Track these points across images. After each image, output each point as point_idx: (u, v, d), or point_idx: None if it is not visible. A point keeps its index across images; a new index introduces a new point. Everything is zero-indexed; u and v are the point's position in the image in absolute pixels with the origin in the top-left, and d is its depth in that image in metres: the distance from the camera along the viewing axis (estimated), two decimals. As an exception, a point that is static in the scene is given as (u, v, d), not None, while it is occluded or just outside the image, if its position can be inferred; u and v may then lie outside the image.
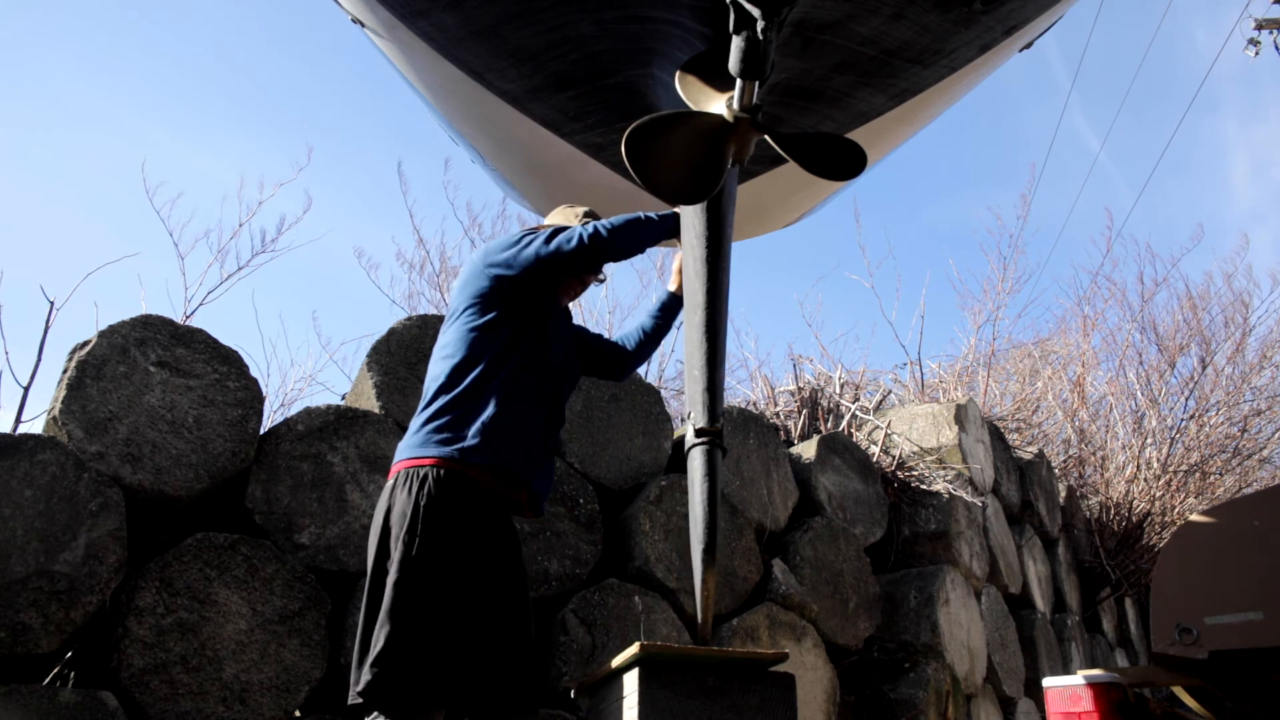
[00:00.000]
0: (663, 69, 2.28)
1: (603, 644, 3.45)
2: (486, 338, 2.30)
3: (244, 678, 2.74)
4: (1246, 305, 10.78)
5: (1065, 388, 10.03)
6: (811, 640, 4.21)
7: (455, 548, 2.08)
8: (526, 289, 2.36)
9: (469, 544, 2.11)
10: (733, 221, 2.27)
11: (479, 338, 2.30)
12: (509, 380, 2.26)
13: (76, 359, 2.80)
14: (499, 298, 2.34)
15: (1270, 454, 10.77)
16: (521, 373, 2.29)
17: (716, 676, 2.07)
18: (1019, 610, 6.28)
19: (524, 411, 2.26)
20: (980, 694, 5.21)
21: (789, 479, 4.76)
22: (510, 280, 2.34)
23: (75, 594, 2.54)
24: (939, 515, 5.41)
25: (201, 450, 2.93)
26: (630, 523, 3.83)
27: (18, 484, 2.53)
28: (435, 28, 2.28)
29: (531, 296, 2.38)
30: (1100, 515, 8.25)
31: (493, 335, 2.30)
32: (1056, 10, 2.44)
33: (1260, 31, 12.89)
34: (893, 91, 2.43)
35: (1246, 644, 3.14)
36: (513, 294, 2.35)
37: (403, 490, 2.13)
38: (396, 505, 2.13)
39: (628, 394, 4.16)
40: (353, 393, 3.70)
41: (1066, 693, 3.56)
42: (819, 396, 6.46)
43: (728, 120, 1.87)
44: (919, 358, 8.43)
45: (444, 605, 2.02)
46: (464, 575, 2.08)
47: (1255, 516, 3.33)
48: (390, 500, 2.16)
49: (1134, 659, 8.15)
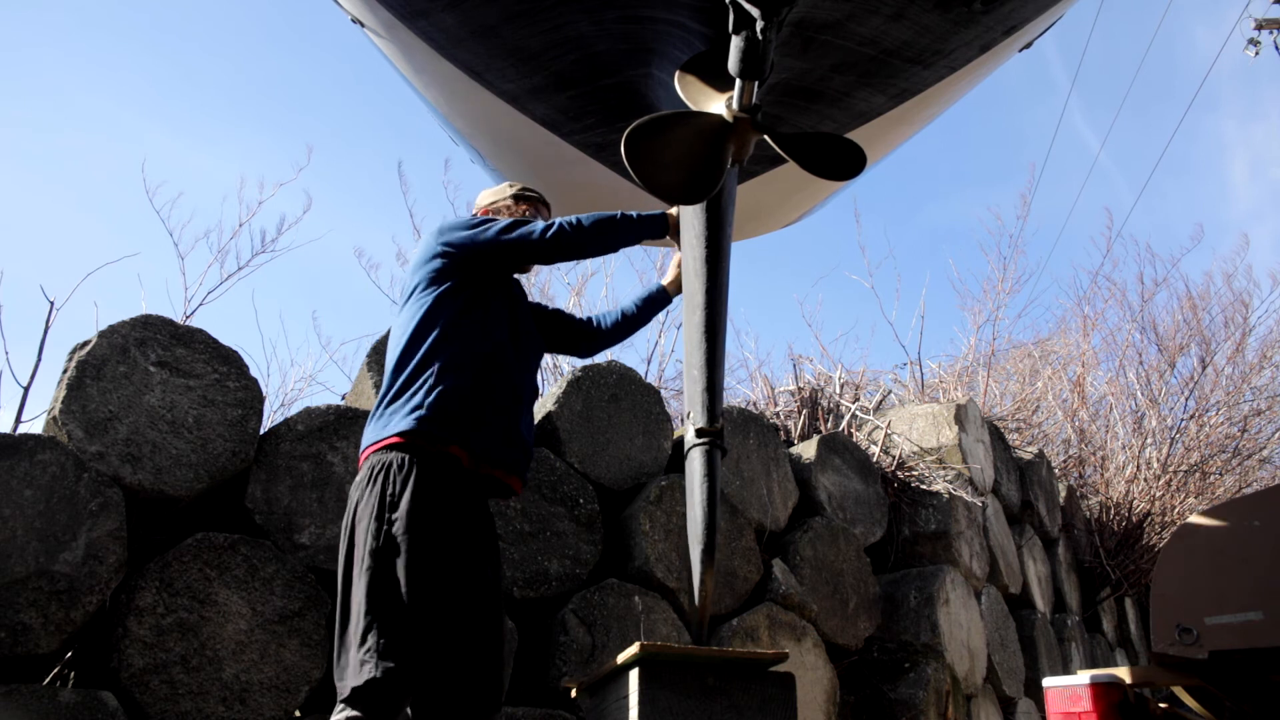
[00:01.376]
0: (662, 69, 2.28)
1: (603, 644, 3.45)
2: (440, 309, 2.26)
3: (244, 678, 2.74)
4: (1246, 305, 10.80)
5: (1065, 388, 10.03)
6: (811, 640, 4.21)
7: (438, 538, 2.02)
8: (480, 266, 2.35)
9: (450, 532, 2.05)
10: (733, 221, 2.27)
11: (432, 309, 2.26)
12: (468, 346, 2.22)
13: (76, 359, 2.80)
14: (452, 272, 2.31)
15: (1270, 454, 10.77)
16: (481, 339, 2.25)
17: (716, 676, 2.07)
18: (1019, 610, 6.28)
19: (487, 375, 2.22)
20: (980, 694, 5.21)
21: (789, 479, 4.76)
22: (464, 258, 2.32)
23: (75, 594, 2.54)
24: (939, 515, 5.41)
25: (201, 450, 2.93)
26: (630, 523, 3.83)
27: (18, 484, 2.53)
28: (435, 28, 2.28)
29: (484, 272, 2.36)
30: (1100, 515, 8.25)
31: (447, 306, 2.27)
32: (1056, 10, 2.44)
33: (1260, 31, 12.90)
34: (893, 91, 2.43)
35: (1246, 644, 3.14)
36: (466, 269, 2.33)
37: (374, 485, 2.06)
38: (366, 499, 2.06)
39: (628, 394, 4.16)
40: (353, 393, 3.70)
41: (1066, 693, 3.56)
42: (819, 396, 6.46)
43: (727, 120, 1.87)
44: (919, 358, 8.44)
45: (435, 603, 1.99)
46: (451, 568, 2.03)
47: (1255, 516, 3.33)
48: (360, 494, 2.09)
49: (1134, 659, 8.15)
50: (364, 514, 2.05)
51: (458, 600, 2.05)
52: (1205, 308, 10.84)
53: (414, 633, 1.96)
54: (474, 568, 2.12)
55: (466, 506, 2.14)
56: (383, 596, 1.96)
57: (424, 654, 1.97)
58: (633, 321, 2.76)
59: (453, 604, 2.03)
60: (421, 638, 1.97)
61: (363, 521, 2.05)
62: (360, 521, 2.06)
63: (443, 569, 2.02)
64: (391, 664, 1.91)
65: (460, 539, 2.09)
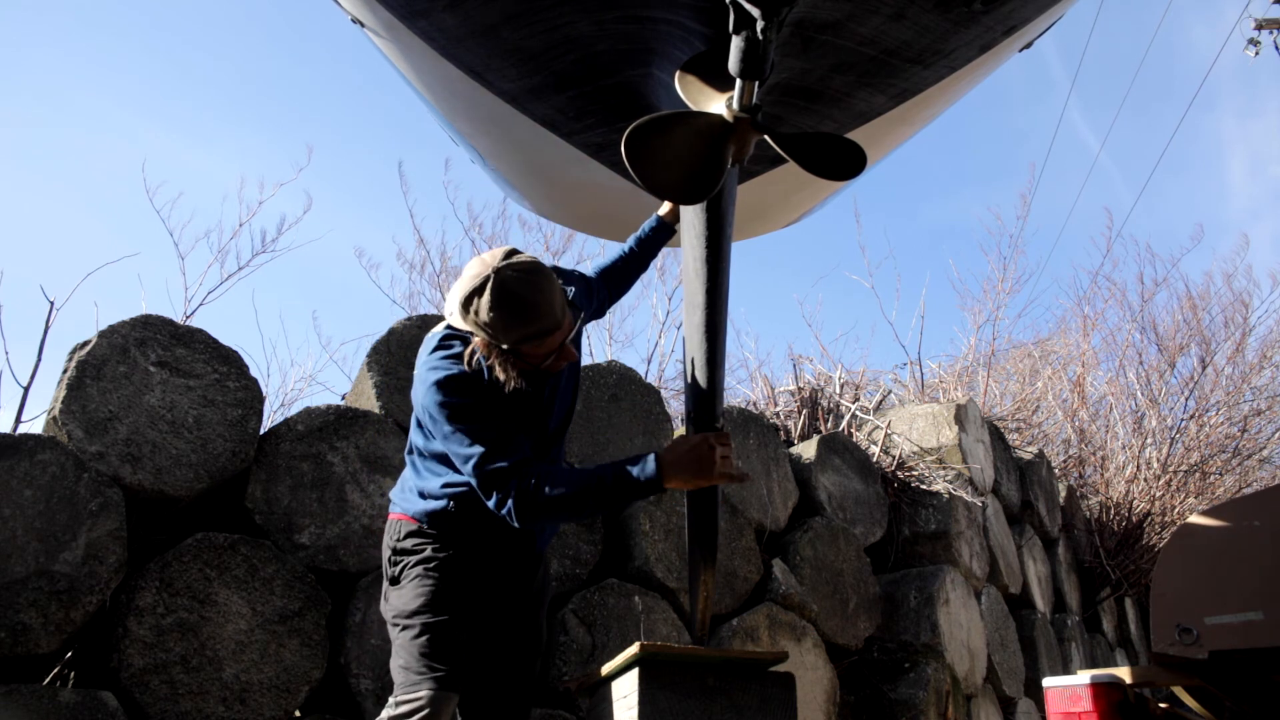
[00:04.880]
0: (662, 69, 2.28)
1: (603, 644, 3.45)
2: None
3: (244, 678, 2.74)
4: (1246, 305, 10.79)
5: (1065, 388, 10.03)
6: (811, 640, 4.21)
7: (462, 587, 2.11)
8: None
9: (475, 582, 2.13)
10: (733, 221, 2.27)
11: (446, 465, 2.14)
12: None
13: (76, 359, 2.80)
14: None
15: (1270, 454, 10.78)
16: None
17: (716, 676, 2.07)
18: (1019, 610, 6.28)
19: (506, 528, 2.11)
20: (980, 694, 5.21)
21: (789, 479, 4.76)
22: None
23: (75, 594, 2.54)
24: (939, 515, 5.41)
25: (201, 450, 2.92)
26: (630, 523, 3.83)
27: (18, 484, 2.53)
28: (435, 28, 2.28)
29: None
30: (1100, 515, 8.25)
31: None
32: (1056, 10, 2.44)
33: (1260, 31, 12.89)
34: (893, 91, 2.43)
35: (1246, 644, 3.14)
36: None
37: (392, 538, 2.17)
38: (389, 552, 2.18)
39: (628, 394, 4.16)
40: (353, 393, 3.70)
41: (1066, 693, 3.56)
42: (819, 396, 6.46)
43: (727, 120, 1.87)
44: (919, 358, 8.45)
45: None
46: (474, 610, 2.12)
47: (1255, 516, 3.33)
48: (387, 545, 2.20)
49: (1134, 659, 8.15)
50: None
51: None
52: (1205, 308, 10.85)
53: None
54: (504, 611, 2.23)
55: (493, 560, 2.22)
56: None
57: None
58: (641, 260, 2.67)
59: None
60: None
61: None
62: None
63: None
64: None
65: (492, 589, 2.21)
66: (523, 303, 1.89)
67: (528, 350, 1.97)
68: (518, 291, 1.89)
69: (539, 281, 1.92)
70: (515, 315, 1.90)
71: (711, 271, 2.19)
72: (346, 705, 2.94)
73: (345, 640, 2.97)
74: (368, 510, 3.19)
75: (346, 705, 2.94)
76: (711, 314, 2.19)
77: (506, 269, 1.91)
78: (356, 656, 2.96)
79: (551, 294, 1.94)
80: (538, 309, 1.91)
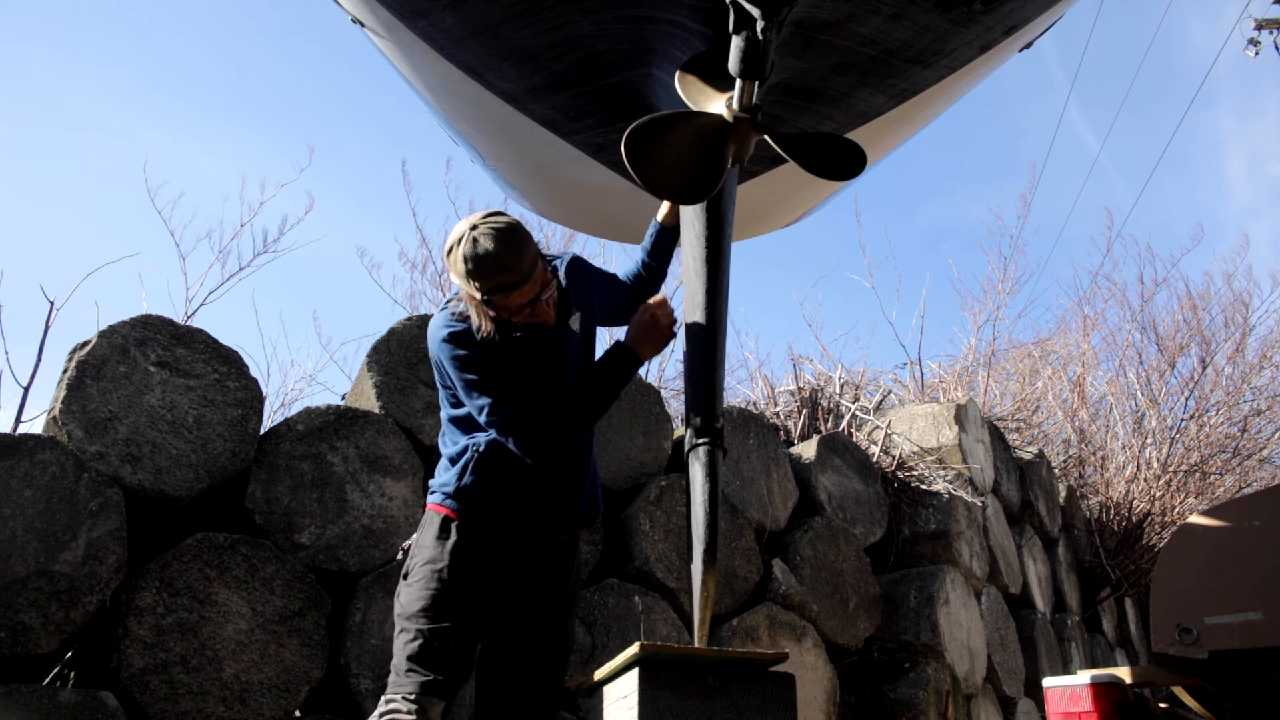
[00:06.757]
0: (662, 69, 2.28)
1: (603, 644, 3.45)
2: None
3: (244, 678, 2.74)
4: (1246, 305, 10.79)
5: (1065, 388, 10.03)
6: (811, 640, 4.21)
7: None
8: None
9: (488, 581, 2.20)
10: (733, 221, 2.26)
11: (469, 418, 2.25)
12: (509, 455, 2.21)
13: (76, 359, 2.80)
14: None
15: (1270, 454, 10.77)
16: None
17: (716, 676, 2.06)
18: (1019, 610, 6.28)
19: (534, 474, 2.24)
20: (980, 694, 5.21)
21: (789, 479, 4.76)
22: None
23: (75, 594, 2.54)
24: (939, 515, 5.41)
25: (201, 450, 2.92)
26: (630, 523, 3.83)
27: (18, 484, 2.53)
28: (435, 28, 2.28)
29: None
30: (1100, 515, 8.25)
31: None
32: (1056, 10, 2.44)
33: (1260, 31, 12.88)
34: (893, 91, 2.42)
35: (1246, 644, 3.14)
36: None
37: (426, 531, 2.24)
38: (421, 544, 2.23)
39: (627, 394, 4.16)
40: (353, 393, 3.70)
41: (1066, 693, 3.56)
42: (819, 396, 6.46)
43: (727, 120, 1.87)
44: (919, 358, 8.45)
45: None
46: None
47: (1255, 516, 3.33)
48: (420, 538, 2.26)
49: (1134, 659, 8.15)
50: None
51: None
52: (1205, 308, 10.84)
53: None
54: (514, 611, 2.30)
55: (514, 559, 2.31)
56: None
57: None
58: (656, 273, 2.71)
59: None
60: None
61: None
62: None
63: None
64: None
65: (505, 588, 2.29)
66: (490, 255, 2.05)
67: (499, 301, 2.12)
68: (487, 245, 2.05)
69: (509, 237, 2.08)
70: (483, 267, 2.06)
71: (711, 271, 2.19)
72: (346, 705, 2.94)
73: (345, 640, 2.97)
74: (368, 510, 3.19)
75: (346, 705, 2.94)
76: (711, 314, 2.19)
77: (482, 224, 2.09)
78: (356, 656, 2.96)
79: (520, 251, 2.09)
80: (503, 261, 2.06)
